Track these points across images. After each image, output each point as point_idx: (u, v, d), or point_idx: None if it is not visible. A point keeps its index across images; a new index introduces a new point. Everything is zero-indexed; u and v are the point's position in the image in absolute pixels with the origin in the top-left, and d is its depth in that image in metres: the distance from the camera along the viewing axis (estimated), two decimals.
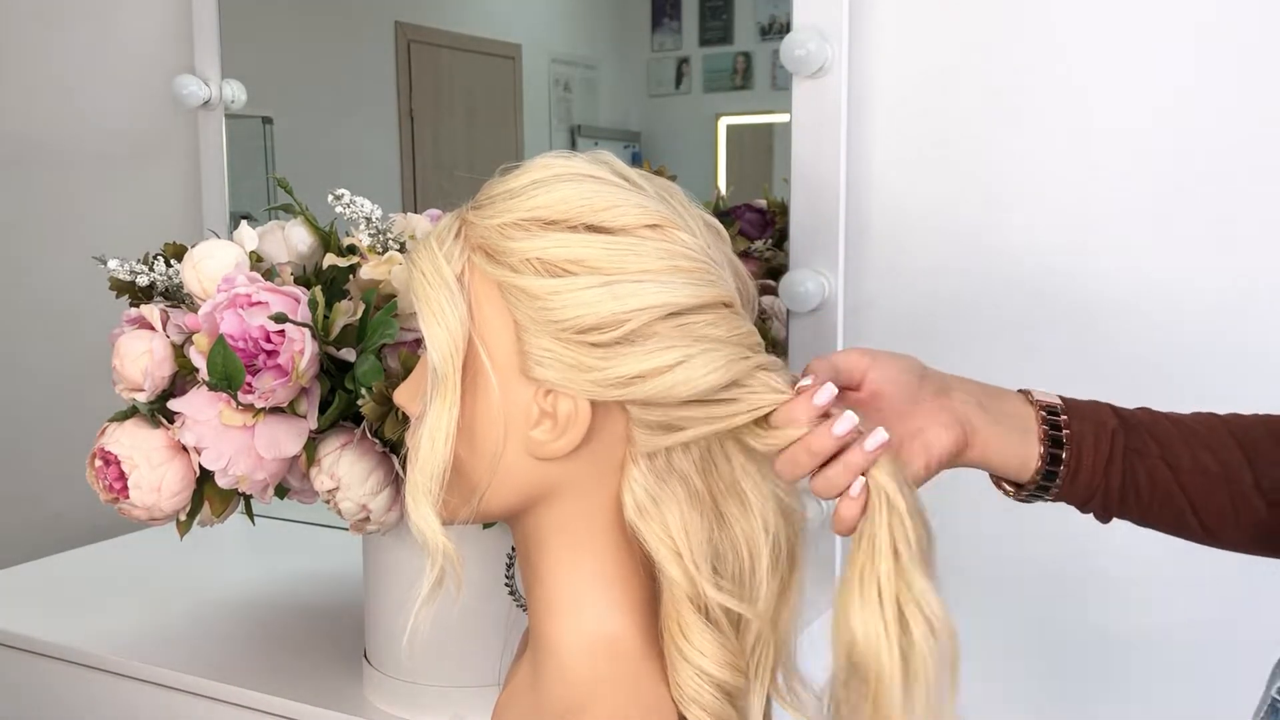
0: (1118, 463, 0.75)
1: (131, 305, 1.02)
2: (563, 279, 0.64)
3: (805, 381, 0.68)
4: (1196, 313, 1.09)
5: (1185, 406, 1.08)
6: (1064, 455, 0.75)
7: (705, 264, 0.67)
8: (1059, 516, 0.81)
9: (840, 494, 0.65)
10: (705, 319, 0.66)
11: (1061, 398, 0.77)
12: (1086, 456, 0.75)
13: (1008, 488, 0.78)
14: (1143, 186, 1.10)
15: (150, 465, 0.94)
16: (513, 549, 0.78)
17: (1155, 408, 0.79)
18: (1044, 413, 0.76)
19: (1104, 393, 1.13)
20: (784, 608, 0.72)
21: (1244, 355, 1.08)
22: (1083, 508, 0.77)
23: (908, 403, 0.74)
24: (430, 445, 0.66)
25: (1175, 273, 1.10)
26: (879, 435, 0.65)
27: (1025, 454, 0.75)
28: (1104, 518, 0.77)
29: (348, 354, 0.93)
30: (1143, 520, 0.76)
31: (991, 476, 0.78)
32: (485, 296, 0.66)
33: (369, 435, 0.94)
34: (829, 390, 0.66)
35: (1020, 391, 0.78)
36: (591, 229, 0.65)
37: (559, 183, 0.66)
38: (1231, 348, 1.08)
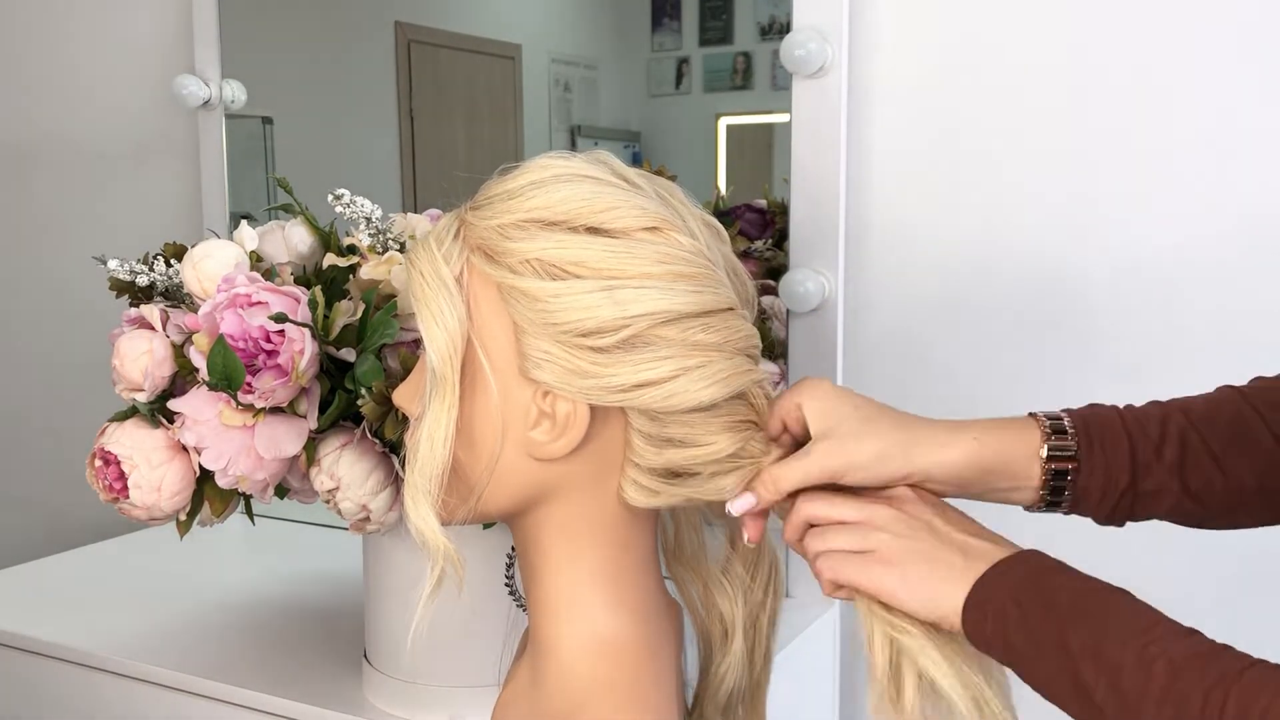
0: (1129, 434, 0.73)
1: (131, 305, 1.02)
2: (563, 281, 0.64)
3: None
4: (1197, 313, 1.09)
5: None
6: (1068, 428, 0.73)
7: (705, 268, 0.67)
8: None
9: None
10: (704, 324, 0.66)
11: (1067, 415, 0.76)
12: (1096, 435, 0.72)
13: (1024, 496, 0.75)
14: (1143, 186, 1.10)
15: (150, 465, 0.94)
16: (513, 549, 0.79)
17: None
18: (1049, 421, 0.74)
19: (1103, 392, 1.13)
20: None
21: (1244, 355, 1.08)
22: (1102, 504, 0.73)
23: (863, 422, 0.71)
24: (429, 446, 0.66)
25: (1175, 272, 1.10)
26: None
27: (1028, 437, 0.73)
28: (1125, 513, 0.74)
29: (348, 354, 0.93)
30: (1168, 484, 0.73)
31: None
32: (484, 297, 0.66)
33: (369, 435, 0.94)
34: (743, 503, 0.71)
35: (1029, 414, 0.77)
36: (591, 231, 0.65)
37: (558, 183, 0.66)
38: (1232, 348, 1.08)
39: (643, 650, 0.71)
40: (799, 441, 0.72)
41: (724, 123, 1.36)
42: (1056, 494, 0.72)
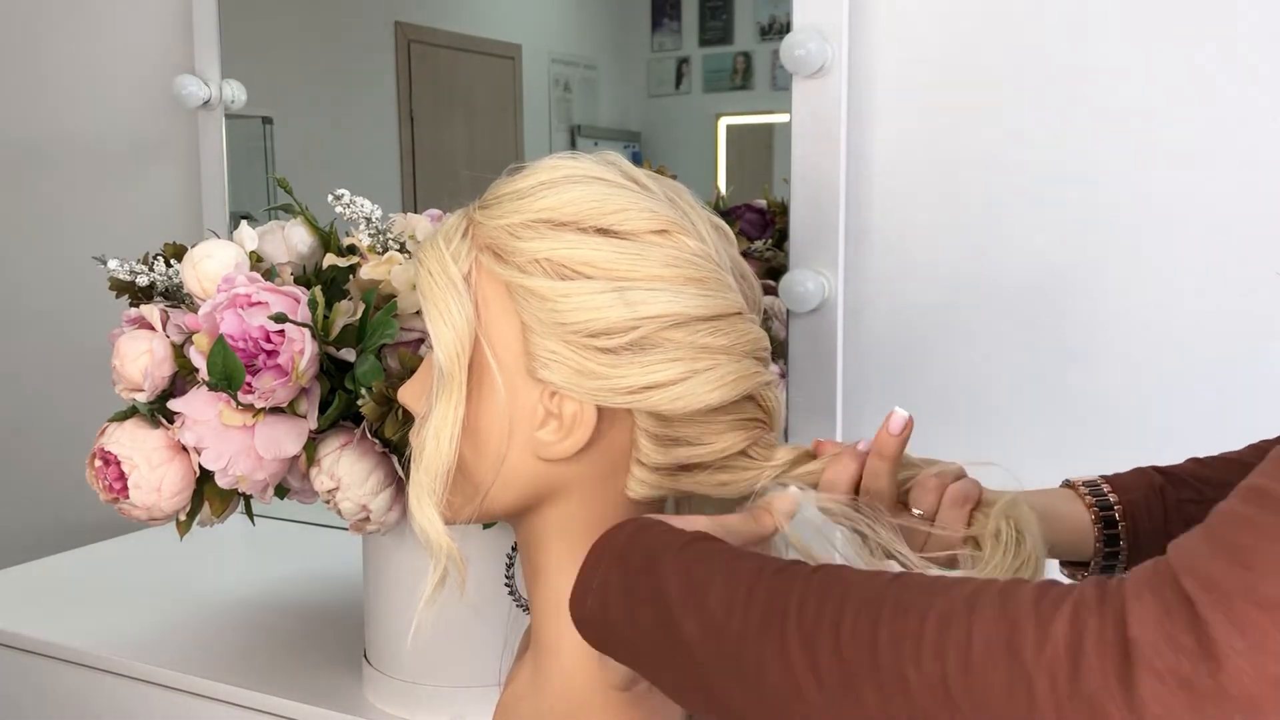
0: (1175, 516, 0.73)
1: (131, 305, 1.02)
2: (573, 281, 0.64)
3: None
4: (1197, 312, 1.09)
5: (1183, 405, 1.09)
6: (1118, 518, 0.74)
7: (714, 272, 0.67)
8: None
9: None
10: (713, 327, 0.66)
11: (1101, 476, 0.76)
12: (1142, 520, 0.74)
13: (1077, 570, 0.76)
14: (1143, 187, 1.10)
15: (150, 465, 0.94)
16: (513, 549, 0.78)
17: (1199, 454, 0.78)
18: (1085, 487, 0.75)
19: (1103, 392, 1.13)
20: None
21: (1244, 356, 1.08)
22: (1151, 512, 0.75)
23: None
24: (435, 445, 0.66)
25: (1175, 272, 1.10)
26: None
27: (1076, 523, 0.74)
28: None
29: (348, 354, 0.93)
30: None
31: (1060, 566, 0.77)
32: (492, 296, 0.66)
33: (369, 435, 0.94)
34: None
35: (1062, 484, 0.78)
36: (601, 232, 0.65)
37: (568, 184, 0.66)
38: (1231, 348, 1.08)
39: None
40: None
41: (724, 123, 1.36)
42: (1105, 509, 0.74)
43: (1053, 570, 0.77)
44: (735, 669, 0.53)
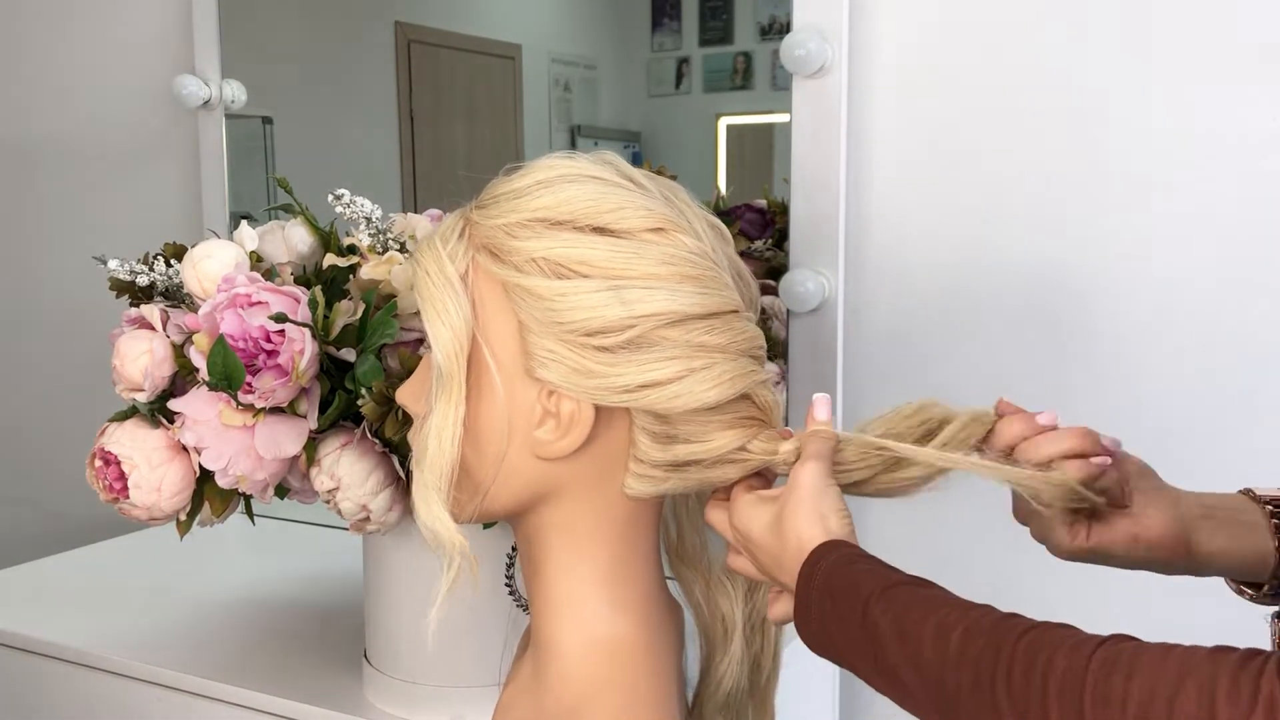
0: None
1: (131, 305, 1.02)
2: (570, 281, 0.64)
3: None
4: (1197, 311, 1.09)
5: (1183, 405, 1.09)
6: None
7: (710, 270, 0.67)
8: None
9: None
10: (709, 326, 0.66)
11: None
12: None
13: (1247, 590, 0.75)
14: (1143, 186, 1.10)
15: (150, 465, 0.94)
16: (513, 548, 0.79)
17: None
18: (1270, 506, 0.73)
19: (1103, 391, 1.13)
20: None
21: (1244, 356, 1.08)
22: None
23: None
24: (437, 444, 0.66)
25: (1175, 272, 1.10)
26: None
27: (1258, 546, 0.72)
28: None
29: (348, 354, 0.93)
30: None
31: (1228, 582, 0.76)
32: (490, 296, 0.66)
33: (369, 435, 0.94)
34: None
35: (1242, 491, 0.76)
36: (598, 231, 0.65)
37: (564, 183, 0.66)
38: (1231, 349, 1.08)
39: (644, 650, 0.71)
40: None
41: (724, 123, 1.36)
42: None
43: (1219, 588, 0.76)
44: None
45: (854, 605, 0.61)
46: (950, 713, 0.56)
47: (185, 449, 0.94)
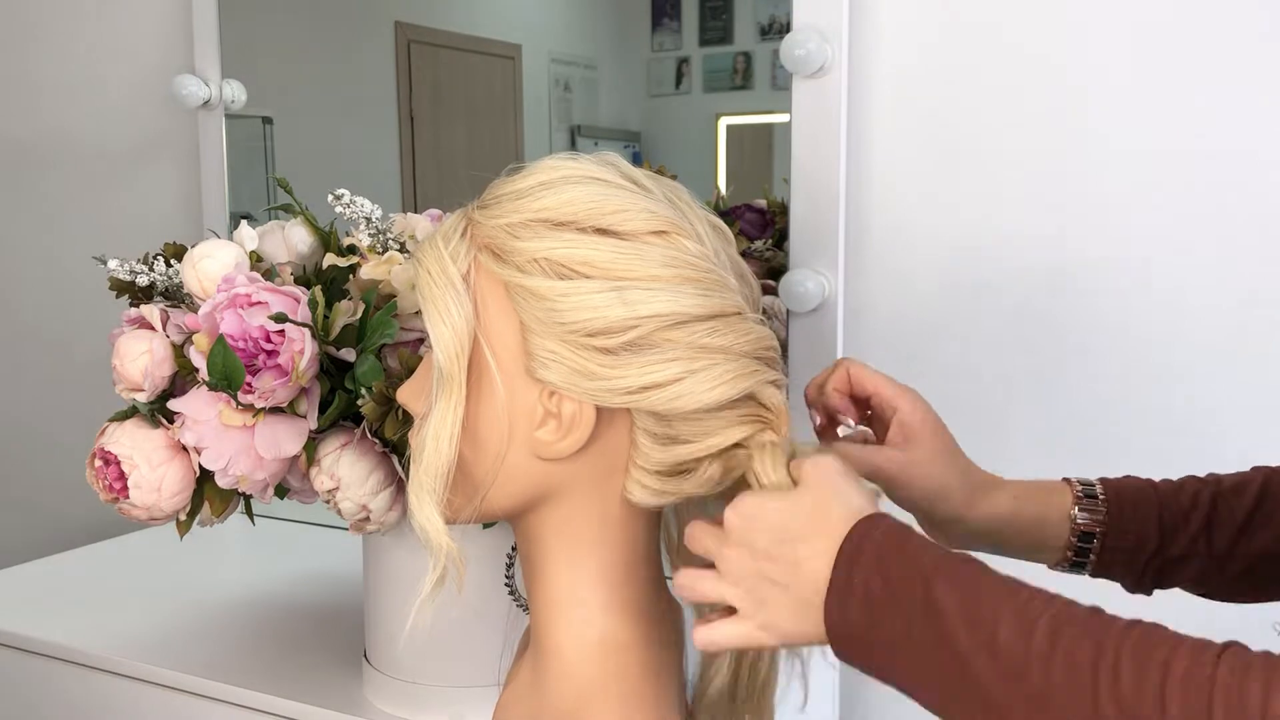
0: (1160, 502, 0.76)
1: (131, 305, 1.02)
2: (572, 281, 0.64)
3: (844, 429, 0.76)
4: (1197, 312, 1.09)
5: (1183, 405, 1.08)
6: (1099, 494, 0.76)
7: (713, 272, 0.67)
8: None
9: None
10: (711, 327, 0.66)
11: (1108, 500, 0.78)
12: (1127, 501, 0.76)
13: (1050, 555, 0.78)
14: (1143, 186, 1.10)
15: (150, 465, 0.94)
16: (513, 548, 0.78)
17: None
18: (1077, 480, 0.78)
19: (1102, 391, 1.13)
20: None
21: (1245, 356, 1.08)
22: (1130, 567, 0.77)
23: (941, 451, 0.76)
24: (435, 444, 0.66)
25: (1175, 272, 1.10)
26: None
27: (1060, 500, 0.76)
28: (1152, 579, 0.77)
29: (348, 354, 0.93)
30: (1193, 550, 0.75)
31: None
32: (491, 296, 0.66)
33: (369, 435, 0.94)
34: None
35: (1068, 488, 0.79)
36: (600, 232, 0.65)
37: (567, 184, 0.66)
38: (1232, 347, 1.08)
39: (644, 650, 0.71)
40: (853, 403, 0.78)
41: (724, 123, 1.36)
42: (1081, 555, 0.76)
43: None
44: (1041, 717, 0.52)
45: (912, 585, 0.56)
46: (1037, 709, 0.52)
47: (185, 449, 0.94)
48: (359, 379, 0.92)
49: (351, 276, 0.97)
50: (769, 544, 0.62)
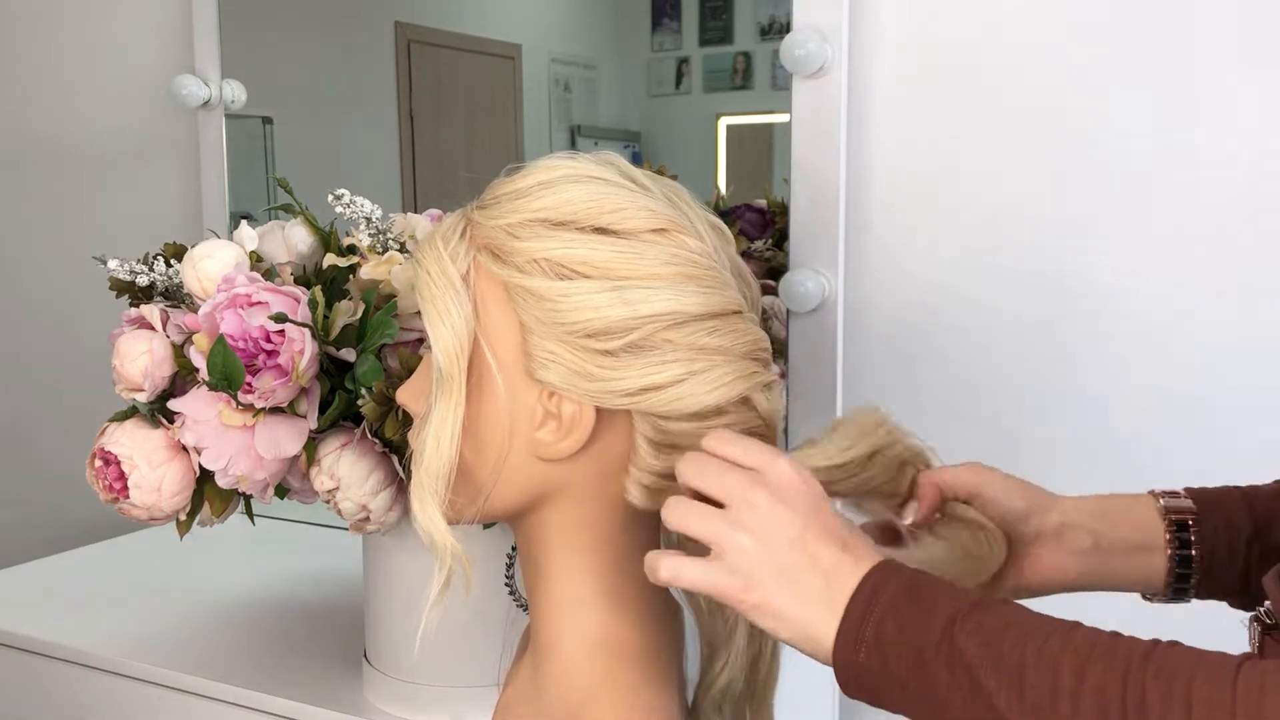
0: (1255, 571, 0.73)
1: (131, 305, 1.02)
2: (572, 281, 0.64)
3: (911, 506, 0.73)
4: (1197, 313, 1.09)
5: (1184, 405, 1.08)
6: (1192, 570, 0.74)
7: (712, 270, 0.67)
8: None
9: None
10: (711, 327, 0.66)
11: (1190, 494, 0.75)
12: (1220, 570, 0.73)
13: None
14: (1143, 187, 1.10)
15: (150, 465, 0.94)
16: (513, 549, 0.78)
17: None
18: (1172, 516, 0.74)
19: (1102, 391, 1.13)
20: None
21: (1245, 357, 1.08)
22: (1232, 562, 0.74)
23: (1017, 523, 0.75)
24: (435, 445, 0.66)
25: (1175, 272, 1.10)
26: None
27: (1149, 569, 0.74)
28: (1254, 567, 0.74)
29: (348, 354, 0.93)
30: None
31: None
32: (491, 296, 0.66)
33: (369, 435, 0.94)
34: None
35: (1150, 494, 0.77)
36: (599, 231, 0.65)
37: (566, 184, 0.66)
38: (1232, 348, 1.08)
39: (644, 651, 0.71)
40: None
41: (724, 123, 1.36)
42: (1184, 547, 0.73)
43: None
44: None
45: (928, 632, 0.56)
46: None
47: (185, 449, 0.94)
48: (359, 379, 0.92)
49: (351, 276, 0.97)
50: (805, 524, 0.60)
